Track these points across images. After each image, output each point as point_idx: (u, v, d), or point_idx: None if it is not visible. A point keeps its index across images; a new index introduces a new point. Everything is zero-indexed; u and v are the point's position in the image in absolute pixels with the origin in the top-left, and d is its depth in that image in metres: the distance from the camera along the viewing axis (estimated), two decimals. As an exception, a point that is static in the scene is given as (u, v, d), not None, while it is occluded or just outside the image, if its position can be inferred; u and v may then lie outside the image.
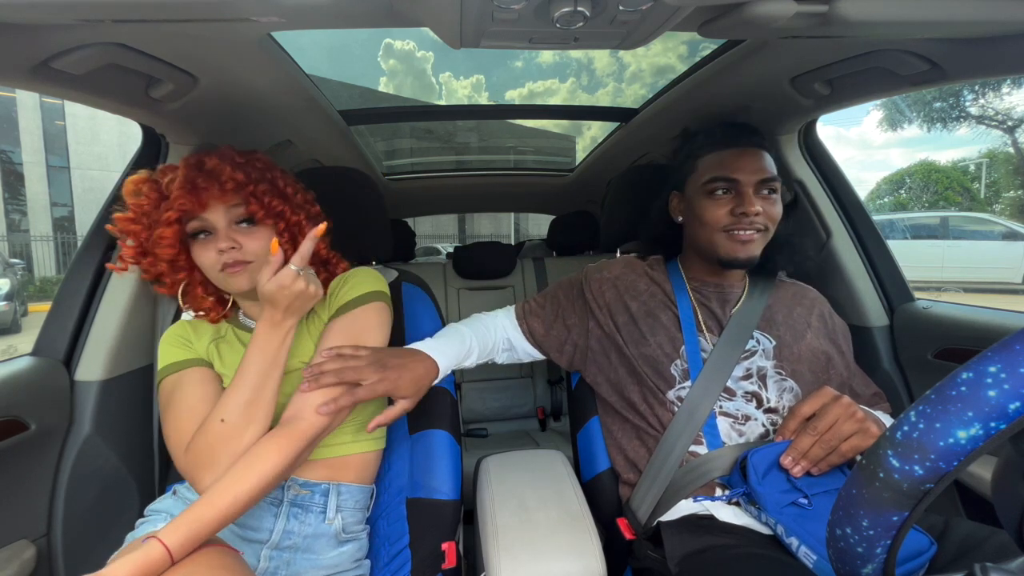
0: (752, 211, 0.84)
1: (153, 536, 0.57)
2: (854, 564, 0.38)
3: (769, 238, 0.88)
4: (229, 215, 0.74)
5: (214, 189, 0.71)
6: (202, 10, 0.54)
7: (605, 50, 0.66)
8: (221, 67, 0.78)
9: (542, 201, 2.66)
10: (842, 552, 0.38)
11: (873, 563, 0.37)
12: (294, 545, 0.76)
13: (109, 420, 0.92)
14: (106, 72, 0.69)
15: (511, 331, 1.01)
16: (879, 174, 38.58)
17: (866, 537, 0.36)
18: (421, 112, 1.61)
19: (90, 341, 0.92)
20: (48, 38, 0.60)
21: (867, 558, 0.37)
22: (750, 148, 0.87)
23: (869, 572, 0.37)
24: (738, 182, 0.86)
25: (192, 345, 0.81)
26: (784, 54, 0.83)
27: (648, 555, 0.78)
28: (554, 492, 0.84)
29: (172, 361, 0.78)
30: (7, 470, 0.80)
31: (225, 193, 0.72)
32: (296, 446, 0.68)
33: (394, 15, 0.58)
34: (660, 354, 0.87)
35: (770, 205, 0.86)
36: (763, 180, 0.86)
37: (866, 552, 0.37)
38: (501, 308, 1.06)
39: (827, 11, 0.56)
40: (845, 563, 0.38)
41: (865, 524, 0.36)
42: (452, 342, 0.90)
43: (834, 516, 0.39)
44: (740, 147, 0.87)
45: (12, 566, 0.80)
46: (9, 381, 0.82)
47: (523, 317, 1.02)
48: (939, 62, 0.74)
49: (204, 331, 0.83)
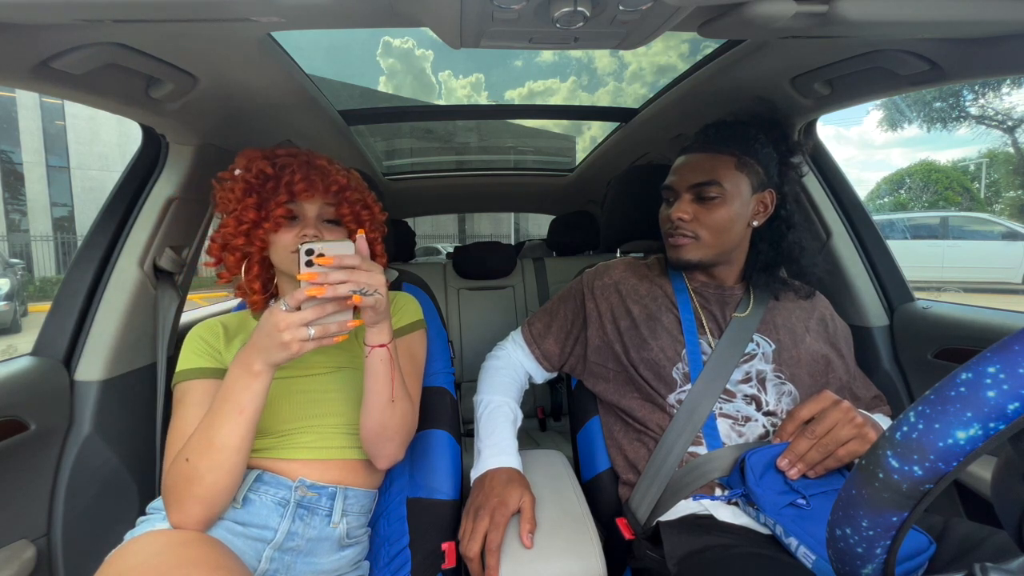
0: (674, 216, 0.87)
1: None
2: (854, 564, 0.38)
3: (715, 244, 0.87)
4: (321, 210, 0.80)
5: (319, 184, 0.78)
6: (202, 10, 0.54)
7: (605, 50, 0.66)
8: (221, 67, 0.78)
9: (542, 201, 2.66)
10: (842, 552, 0.39)
11: (873, 563, 0.37)
12: (297, 547, 0.76)
13: (109, 420, 0.92)
14: (106, 72, 0.69)
15: (527, 363, 1.03)
16: (879, 174, 38.58)
17: (866, 537, 0.36)
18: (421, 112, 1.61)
19: (90, 341, 0.92)
20: (48, 38, 0.60)
21: (867, 558, 0.37)
22: (702, 152, 0.88)
23: (869, 572, 0.37)
24: (673, 188, 0.90)
25: (218, 353, 0.80)
26: (784, 54, 0.83)
27: (647, 555, 0.78)
28: (554, 492, 0.84)
29: (187, 367, 0.78)
30: (7, 470, 0.80)
31: (328, 191, 0.80)
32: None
33: (394, 15, 0.58)
34: (662, 358, 0.87)
35: (705, 211, 0.86)
36: (694, 184, 0.86)
37: (866, 552, 0.37)
38: (507, 338, 1.08)
39: (827, 11, 0.56)
40: (845, 563, 0.39)
41: (865, 524, 0.36)
42: (508, 430, 0.90)
43: (834, 516, 0.39)
44: (694, 152, 0.89)
45: (12, 566, 0.80)
46: (9, 381, 0.82)
47: (534, 341, 1.03)
48: (939, 62, 0.74)
49: (239, 333, 0.82)
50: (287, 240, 0.78)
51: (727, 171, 0.86)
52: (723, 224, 0.86)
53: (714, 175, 0.85)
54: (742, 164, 0.86)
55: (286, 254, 0.78)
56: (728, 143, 0.87)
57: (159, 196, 0.98)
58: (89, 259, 0.94)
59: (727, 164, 0.86)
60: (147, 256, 0.97)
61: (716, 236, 0.87)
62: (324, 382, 0.82)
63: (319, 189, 0.79)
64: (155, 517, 0.73)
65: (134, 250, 0.96)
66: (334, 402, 0.81)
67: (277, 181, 0.77)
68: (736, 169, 0.86)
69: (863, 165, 52.67)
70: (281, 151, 0.81)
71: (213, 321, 0.84)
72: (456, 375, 1.04)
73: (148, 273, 0.98)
